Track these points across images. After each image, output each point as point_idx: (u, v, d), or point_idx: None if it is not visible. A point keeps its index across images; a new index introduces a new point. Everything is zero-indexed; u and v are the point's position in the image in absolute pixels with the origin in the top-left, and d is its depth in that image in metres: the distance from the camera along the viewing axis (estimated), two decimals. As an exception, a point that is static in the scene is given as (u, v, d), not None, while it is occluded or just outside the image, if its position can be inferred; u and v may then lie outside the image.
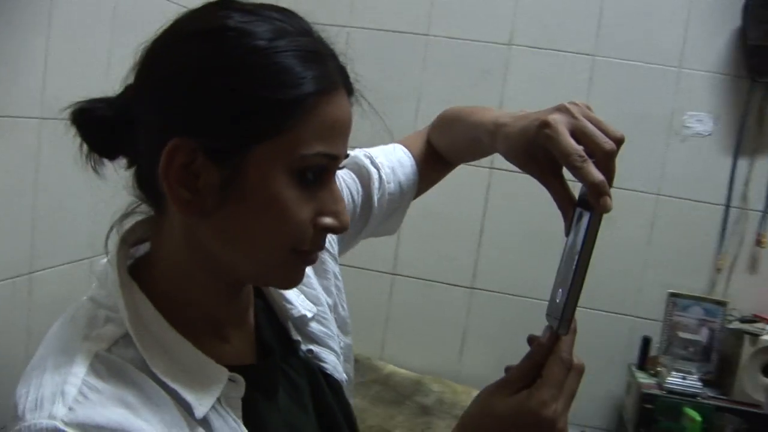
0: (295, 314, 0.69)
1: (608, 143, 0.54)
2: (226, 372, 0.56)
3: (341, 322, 0.77)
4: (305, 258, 0.58)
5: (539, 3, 2.11)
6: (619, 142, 0.55)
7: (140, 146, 0.56)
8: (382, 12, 2.16)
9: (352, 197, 0.82)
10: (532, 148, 0.59)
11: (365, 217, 0.85)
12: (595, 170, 0.53)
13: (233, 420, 0.56)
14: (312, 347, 0.70)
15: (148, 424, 0.49)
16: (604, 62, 2.09)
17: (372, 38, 2.14)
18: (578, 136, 0.55)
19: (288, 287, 0.60)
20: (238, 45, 0.52)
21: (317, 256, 0.60)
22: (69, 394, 0.49)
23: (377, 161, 0.85)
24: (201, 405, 0.53)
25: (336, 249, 0.80)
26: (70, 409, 0.48)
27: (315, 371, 0.68)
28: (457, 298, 2.20)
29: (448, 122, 0.85)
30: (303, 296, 0.71)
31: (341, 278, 0.79)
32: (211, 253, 0.57)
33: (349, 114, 0.57)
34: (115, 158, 0.58)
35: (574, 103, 0.58)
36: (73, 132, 0.56)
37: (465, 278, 2.19)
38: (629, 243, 2.09)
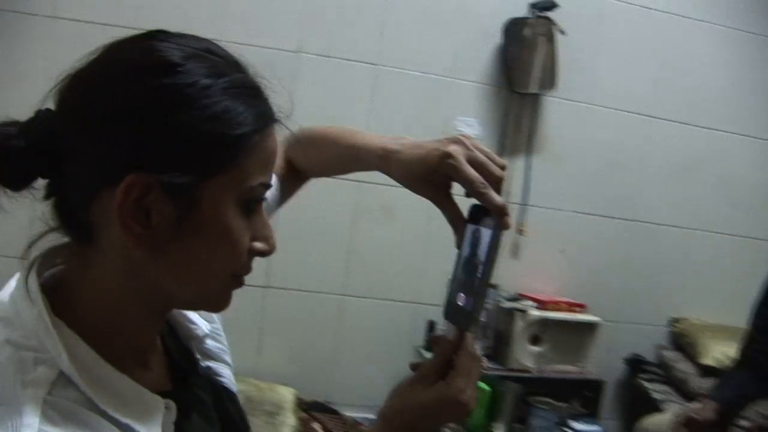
0: (200, 334, 0.69)
1: (498, 171, 0.63)
2: (161, 400, 0.57)
3: None
4: (239, 282, 0.60)
5: (325, 13, 2.21)
6: (504, 168, 0.64)
7: (69, 178, 0.53)
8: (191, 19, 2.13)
9: None
10: (431, 175, 0.66)
11: None
12: (497, 195, 0.62)
13: None
14: (210, 363, 0.71)
15: None
16: (386, 71, 2.27)
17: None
18: (474, 166, 0.63)
19: (220, 310, 0.61)
20: (187, 83, 0.52)
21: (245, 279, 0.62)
22: None
23: None
24: None
25: None
26: None
27: (216, 386, 0.70)
28: (253, 299, 2.25)
29: (314, 142, 0.87)
30: (198, 315, 0.71)
31: None
32: (151, 283, 0.56)
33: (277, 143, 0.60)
34: (22, 190, 0.53)
35: (463, 136, 0.66)
36: None
37: (258, 277, 2.25)
38: (410, 236, 2.28)
